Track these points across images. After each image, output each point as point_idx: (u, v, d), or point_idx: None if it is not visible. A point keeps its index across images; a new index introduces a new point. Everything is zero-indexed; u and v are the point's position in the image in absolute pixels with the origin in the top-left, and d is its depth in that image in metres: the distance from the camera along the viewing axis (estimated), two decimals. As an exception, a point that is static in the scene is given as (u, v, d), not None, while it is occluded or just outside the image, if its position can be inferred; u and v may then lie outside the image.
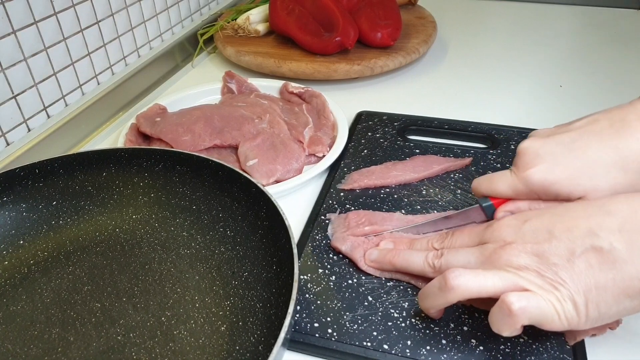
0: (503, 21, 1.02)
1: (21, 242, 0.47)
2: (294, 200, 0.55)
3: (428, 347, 0.38)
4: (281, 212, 0.41)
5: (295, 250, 0.38)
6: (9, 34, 0.55)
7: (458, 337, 0.39)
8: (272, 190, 0.52)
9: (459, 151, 0.59)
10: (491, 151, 0.59)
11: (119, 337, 0.39)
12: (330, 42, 0.75)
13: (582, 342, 0.38)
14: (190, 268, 0.45)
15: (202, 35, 0.88)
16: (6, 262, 0.45)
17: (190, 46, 0.87)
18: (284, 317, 0.33)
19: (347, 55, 0.77)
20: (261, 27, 0.85)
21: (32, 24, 0.57)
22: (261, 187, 0.44)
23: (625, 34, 0.93)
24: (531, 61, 0.84)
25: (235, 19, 0.87)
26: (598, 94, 0.74)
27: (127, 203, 0.50)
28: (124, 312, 0.41)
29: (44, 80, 0.61)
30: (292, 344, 0.40)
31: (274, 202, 0.42)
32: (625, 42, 0.90)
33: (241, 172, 0.45)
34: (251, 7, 0.90)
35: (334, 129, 0.63)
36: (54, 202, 0.49)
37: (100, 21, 0.68)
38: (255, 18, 0.86)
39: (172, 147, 0.57)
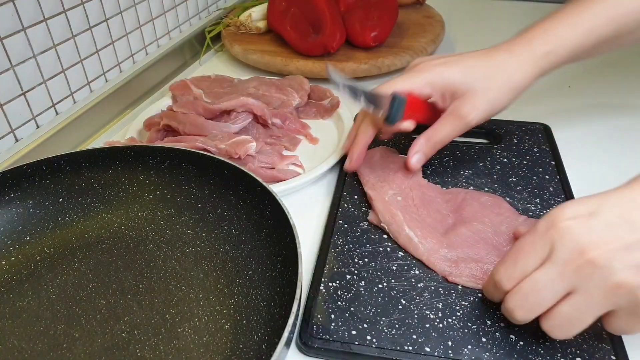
0: (511, 21, 1.01)
1: (28, 238, 0.47)
2: (302, 200, 0.55)
3: (469, 347, 0.38)
4: (286, 211, 0.41)
5: (299, 249, 0.38)
6: (18, 31, 0.55)
7: (497, 334, 0.39)
8: (276, 189, 0.52)
9: (464, 147, 0.60)
10: (495, 146, 0.60)
11: (123, 334, 0.40)
12: (315, 43, 0.75)
13: None
14: (194, 266, 0.45)
15: (209, 32, 0.88)
16: (13, 258, 0.46)
17: (198, 44, 0.87)
18: (287, 316, 0.33)
19: (354, 54, 0.77)
20: (262, 25, 0.85)
21: (41, 21, 0.58)
22: (266, 185, 0.44)
23: (636, 34, 0.92)
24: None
25: (239, 17, 0.87)
26: (606, 95, 0.73)
27: (133, 200, 0.50)
28: (129, 309, 0.41)
29: (52, 77, 0.61)
30: (332, 353, 0.39)
31: (279, 200, 0.42)
32: (635, 43, 0.89)
33: (246, 170, 0.45)
34: (255, 4, 0.90)
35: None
36: (60, 199, 0.49)
37: (108, 19, 0.68)
38: (257, 15, 0.86)
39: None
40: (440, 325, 0.40)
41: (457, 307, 0.41)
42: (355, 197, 0.53)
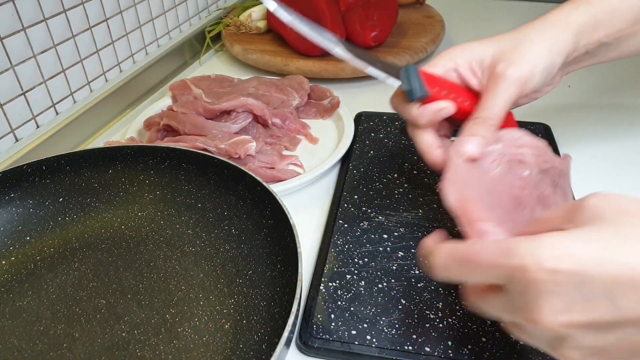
0: (511, 21, 1.01)
1: (28, 238, 0.47)
2: (302, 200, 0.55)
3: (470, 347, 0.38)
4: (286, 211, 0.41)
5: (299, 249, 0.38)
6: (18, 31, 0.55)
7: (497, 333, 0.39)
8: (276, 189, 0.52)
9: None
10: None
11: (123, 334, 0.40)
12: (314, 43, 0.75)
13: None
14: (194, 266, 0.45)
15: (209, 32, 0.88)
16: (13, 258, 0.46)
17: (198, 44, 0.87)
18: (287, 316, 0.33)
19: (354, 54, 0.77)
20: (262, 25, 0.85)
21: (41, 21, 0.58)
22: (266, 185, 0.44)
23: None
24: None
25: (239, 16, 0.87)
26: (606, 95, 0.73)
27: (133, 200, 0.50)
28: (129, 309, 0.42)
29: (52, 77, 0.61)
30: (332, 353, 0.39)
31: (279, 200, 0.42)
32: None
33: (246, 170, 0.45)
34: (255, 4, 0.90)
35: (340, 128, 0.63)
36: (61, 199, 0.49)
37: (108, 19, 0.68)
38: (257, 15, 0.86)
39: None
40: (441, 325, 0.40)
41: (457, 307, 0.41)
42: (355, 197, 0.53)
